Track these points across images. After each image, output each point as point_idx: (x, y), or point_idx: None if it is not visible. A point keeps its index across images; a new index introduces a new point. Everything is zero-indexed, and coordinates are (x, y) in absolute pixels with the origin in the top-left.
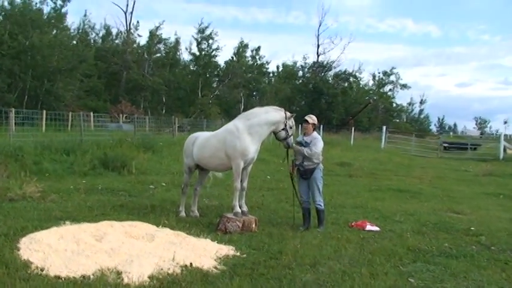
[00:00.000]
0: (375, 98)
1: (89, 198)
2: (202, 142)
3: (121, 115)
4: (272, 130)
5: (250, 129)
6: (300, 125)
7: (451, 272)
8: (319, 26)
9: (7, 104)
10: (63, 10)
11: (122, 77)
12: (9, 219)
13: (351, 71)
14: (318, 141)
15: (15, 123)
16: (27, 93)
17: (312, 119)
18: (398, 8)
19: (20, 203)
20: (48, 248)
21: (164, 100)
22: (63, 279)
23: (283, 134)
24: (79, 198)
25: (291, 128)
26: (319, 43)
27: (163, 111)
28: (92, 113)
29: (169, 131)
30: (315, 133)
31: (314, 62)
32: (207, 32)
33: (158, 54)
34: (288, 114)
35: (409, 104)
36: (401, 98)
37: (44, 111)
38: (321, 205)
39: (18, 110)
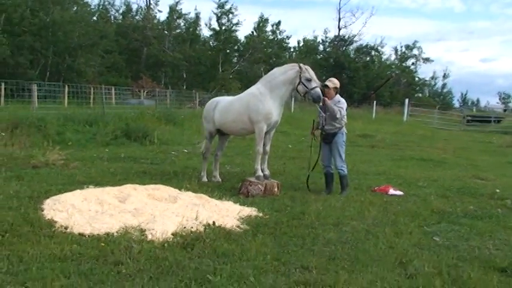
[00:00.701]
0: (397, 72)
1: (111, 165)
2: (225, 106)
3: (142, 91)
4: (292, 89)
5: (272, 92)
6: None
7: (477, 231)
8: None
9: (30, 80)
10: None
11: (142, 53)
12: (33, 183)
13: (372, 45)
14: (342, 104)
15: (37, 98)
16: (49, 69)
17: (332, 82)
18: None
19: (43, 169)
20: (71, 208)
21: (185, 76)
22: (87, 236)
23: (301, 88)
24: (102, 165)
25: (308, 80)
26: (341, 17)
27: (184, 87)
28: (113, 88)
29: (191, 106)
30: (337, 96)
31: (335, 36)
32: (227, 7)
33: (178, 30)
34: (303, 66)
35: (432, 78)
36: (424, 73)
37: (66, 86)
38: (343, 170)
39: (41, 83)
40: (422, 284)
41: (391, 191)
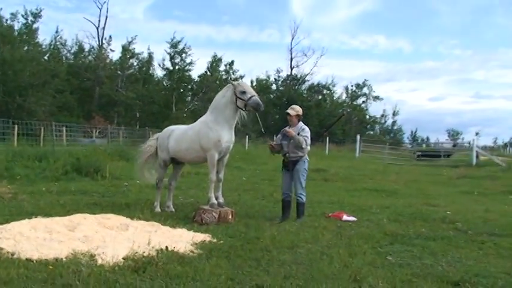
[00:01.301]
0: (349, 110)
1: (61, 198)
2: (179, 135)
3: (94, 130)
4: (234, 108)
5: (218, 117)
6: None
7: (430, 251)
8: (292, 39)
9: None
10: (34, 26)
11: (94, 93)
12: None
13: (324, 84)
14: (307, 132)
15: None
16: None
17: (294, 110)
18: (370, 24)
19: None
20: (19, 236)
21: (138, 115)
22: (34, 261)
23: (239, 103)
24: (51, 197)
25: (243, 92)
26: (292, 56)
27: (137, 126)
28: (64, 128)
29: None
30: (301, 124)
31: (288, 76)
32: (180, 47)
33: (131, 70)
34: (234, 82)
35: (382, 115)
36: (374, 111)
37: (16, 126)
38: (302, 198)
39: None
40: None
41: (345, 217)
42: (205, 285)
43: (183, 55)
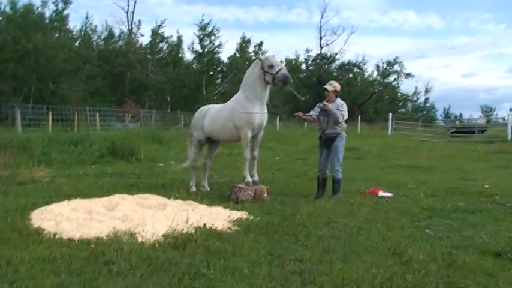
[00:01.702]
0: (380, 88)
1: (98, 180)
2: (214, 114)
3: (127, 114)
4: (264, 83)
5: (249, 95)
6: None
7: (469, 224)
8: (321, 17)
9: (13, 107)
10: (64, 13)
11: (125, 78)
12: (19, 197)
13: (354, 62)
14: (344, 107)
15: (21, 125)
16: (32, 96)
17: (331, 85)
18: (399, 0)
19: (29, 185)
20: (60, 217)
21: (169, 99)
22: (76, 240)
23: (267, 77)
24: (88, 180)
25: (270, 66)
26: (322, 35)
27: (169, 109)
28: (97, 113)
29: (176, 129)
30: (338, 100)
31: (317, 55)
32: (209, 29)
33: (161, 54)
34: (261, 57)
35: (414, 93)
36: (406, 89)
37: (50, 112)
38: (338, 174)
39: (25, 106)
40: (418, 269)
41: (381, 193)
42: (245, 260)
43: (212, 37)
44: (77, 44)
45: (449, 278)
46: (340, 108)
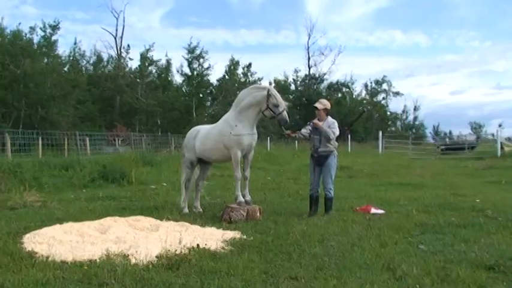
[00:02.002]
0: (369, 107)
1: (90, 204)
2: (204, 134)
3: (117, 138)
4: (259, 111)
5: (240, 116)
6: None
7: (461, 238)
8: (309, 38)
9: (2, 133)
10: (53, 38)
11: (115, 102)
12: (11, 222)
13: (343, 82)
14: (335, 124)
15: (11, 151)
16: (21, 121)
17: (321, 104)
18: (385, 20)
19: (21, 210)
20: (52, 240)
21: (159, 122)
22: (69, 263)
23: (268, 113)
24: (80, 204)
25: (276, 106)
26: (310, 56)
27: (159, 133)
28: (87, 138)
29: (167, 152)
30: (329, 118)
31: (306, 75)
32: (197, 52)
33: (150, 77)
34: (271, 91)
35: (403, 111)
36: (395, 107)
37: (40, 137)
38: (330, 193)
39: (14, 132)
40: (412, 284)
41: (373, 210)
42: (240, 279)
43: (201, 60)
44: (65, 69)
45: None
46: (332, 126)
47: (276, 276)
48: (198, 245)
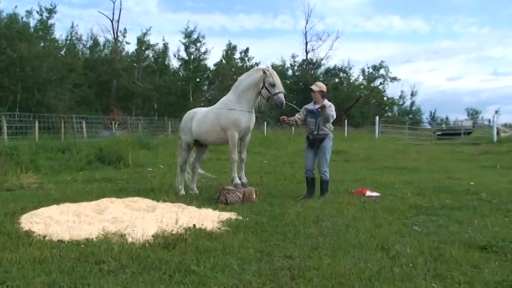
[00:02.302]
0: (366, 92)
1: (87, 186)
2: (201, 117)
3: (113, 122)
4: (257, 92)
5: (239, 98)
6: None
7: (455, 220)
8: (306, 23)
9: None
10: (49, 22)
11: (112, 86)
12: (7, 202)
13: (340, 67)
14: (332, 107)
15: (7, 134)
16: (18, 105)
17: (317, 86)
18: (384, 5)
19: (18, 191)
20: (49, 220)
21: (156, 106)
22: (66, 242)
23: (264, 92)
24: (77, 186)
25: (272, 85)
26: (307, 41)
27: (156, 117)
28: (84, 121)
29: (164, 135)
30: (326, 101)
31: (303, 60)
32: (194, 36)
33: (147, 62)
34: (267, 70)
35: (400, 97)
36: (392, 92)
37: (37, 121)
38: (326, 175)
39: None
40: (405, 262)
41: (368, 193)
42: (235, 257)
43: (198, 44)
44: (62, 53)
45: (436, 270)
46: (329, 109)
47: (271, 255)
48: (194, 225)
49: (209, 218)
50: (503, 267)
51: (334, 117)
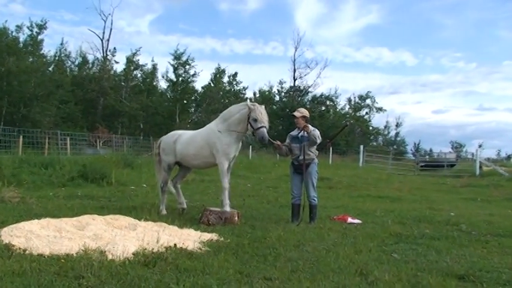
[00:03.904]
0: (352, 121)
1: (69, 202)
2: (187, 139)
3: (98, 140)
4: (246, 126)
5: (229, 129)
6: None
7: (434, 249)
8: (295, 50)
9: None
10: (39, 37)
11: (99, 104)
12: None
13: (327, 95)
14: (316, 131)
15: None
16: (3, 119)
17: (299, 112)
18: (373, 37)
19: None
20: (30, 234)
21: (142, 126)
22: (46, 256)
23: (249, 127)
24: (59, 201)
25: (254, 120)
26: (296, 68)
27: (141, 136)
28: (68, 138)
29: (149, 155)
30: (309, 126)
31: (291, 87)
32: (184, 58)
33: (135, 81)
34: (252, 106)
35: (385, 127)
36: (378, 122)
37: (21, 136)
38: (315, 200)
39: None
40: None
41: (350, 220)
42: (215, 277)
43: (187, 67)
44: (50, 69)
45: None
46: (313, 132)
47: (251, 276)
48: (175, 244)
49: (190, 238)
50: None
51: (320, 139)
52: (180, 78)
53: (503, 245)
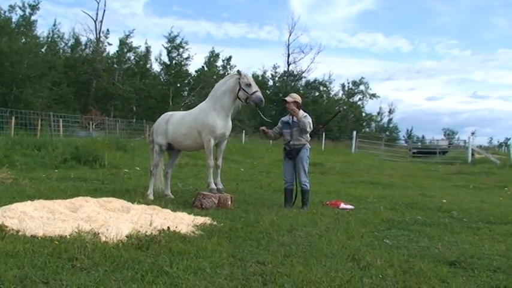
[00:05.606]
0: (345, 107)
1: (61, 184)
2: (178, 120)
3: (91, 123)
4: (234, 97)
5: (215, 105)
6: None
7: (426, 235)
8: (290, 35)
9: None
10: (32, 18)
11: (91, 86)
12: None
13: (321, 80)
14: (309, 118)
15: None
16: None
17: (291, 97)
18: (368, 22)
19: None
20: (23, 215)
21: (134, 109)
22: (39, 238)
23: (242, 94)
24: (52, 183)
25: (248, 85)
26: (290, 53)
27: (134, 119)
28: (61, 120)
29: (141, 138)
30: (301, 111)
31: (284, 72)
32: (177, 41)
33: (128, 64)
34: (242, 72)
35: (378, 113)
36: (371, 109)
37: (14, 117)
38: (306, 185)
39: None
40: (375, 273)
41: (342, 205)
42: (208, 261)
43: (180, 50)
44: (43, 50)
45: (405, 282)
46: (304, 119)
47: (244, 260)
48: (168, 227)
49: (184, 222)
50: (470, 283)
51: (312, 126)
52: (174, 61)
53: (494, 232)
